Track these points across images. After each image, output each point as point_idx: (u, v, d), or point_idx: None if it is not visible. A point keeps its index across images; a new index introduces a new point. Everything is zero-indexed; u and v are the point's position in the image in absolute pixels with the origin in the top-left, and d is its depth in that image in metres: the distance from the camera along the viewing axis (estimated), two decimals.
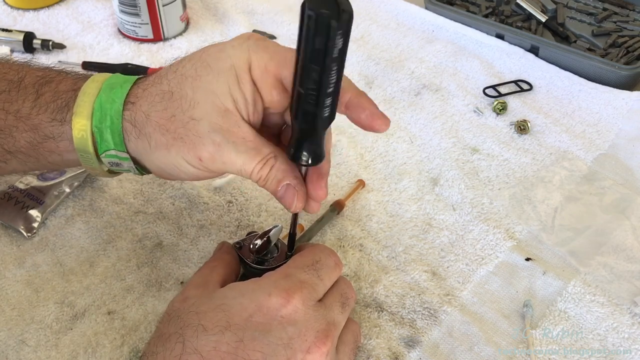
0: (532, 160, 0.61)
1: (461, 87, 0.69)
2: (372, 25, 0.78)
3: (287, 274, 0.40)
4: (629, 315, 0.48)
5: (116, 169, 0.45)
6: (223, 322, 0.37)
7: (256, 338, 0.37)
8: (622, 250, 0.53)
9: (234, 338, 0.37)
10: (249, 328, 0.37)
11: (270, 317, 0.38)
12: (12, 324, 0.47)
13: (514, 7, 0.79)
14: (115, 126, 0.42)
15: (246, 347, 0.36)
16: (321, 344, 0.38)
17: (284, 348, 0.37)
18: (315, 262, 0.42)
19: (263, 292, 0.39)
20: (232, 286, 0.41)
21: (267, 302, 0.38)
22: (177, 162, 0.41)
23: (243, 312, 0.38)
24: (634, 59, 0.70)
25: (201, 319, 0.38)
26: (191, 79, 0.41)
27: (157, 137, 0.41)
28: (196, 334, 0.37)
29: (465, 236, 0.54)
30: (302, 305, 0.39)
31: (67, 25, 0.77)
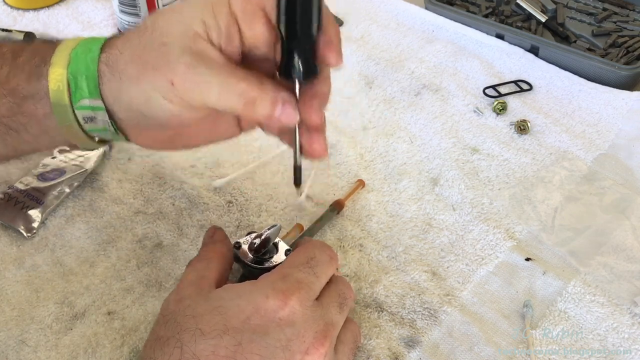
0: (532, 160, 0.61)
1: (461, 87, 0.69)
2: (372, 25, 0.78)
3: (284, 275, 0.40)
4: (629, 315, 0.48)
5: (91, 126, 0.42)
6: (220, 326, 0.37)
7: (254, 341, 0.36)
8: (622, 250, 0.53)
9: (232, 342, 0.36)
10: (247, 331, 0.37)
11: (268, 319, 0.37)
12: (12, 324, 0.47)
13: (514, 7, 0.79)
14: (90, 72, 0.41)
15: (244, 350, 0.36)
16: (319, 345, 0.38)
17: (282, 350, 0.37)
18: (310, 259, 0.42)
19: (260, 294, 0.38)
20: (229, 287, 0.40)
21: (264, 304, 0.38)
22: (149, 94, 0.39)
23: (240, 315, 0.37)
24: (634, 59, 0.70)
25: (198, 322, 0.37)
26: (166, 12, 0.40)
27: (128, 71, 0.40)
28: (194, 338, 0.37)
29: (465, 236, 0.54)
30: (300, 306, 0.38)
31: (67, 25, 0.77)
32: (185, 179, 0.58)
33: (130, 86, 0.40)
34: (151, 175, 0.58)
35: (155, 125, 0.42)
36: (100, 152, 0.59)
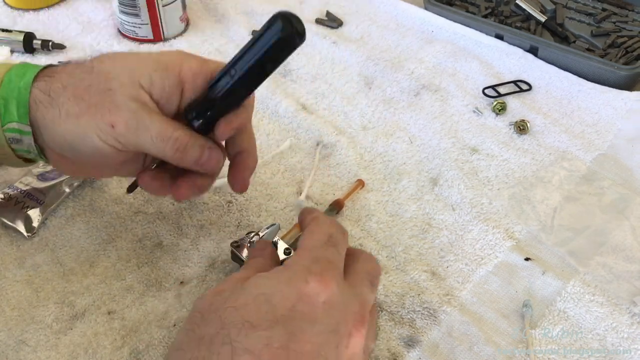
0: (531, 160, 0.61)
1: (460, 88, 0.69)
2: (371, 25, 0.78)
3: (315, 257, 0.39)
4: (628, 315, 0.48)
5: (17, 146, 0.44)
6: (270, 316, 0.35)
7: (305, 329, 0.35)
8: (621, 250, 0.53)
9: (284, 331, 0.34)
10: (296, 319, 0.35)
11: (313, 304, 0.36)
12: (12, 324, 0.47)
13: (513, 7, 0.79)
14: (22, 97, 0.43)
15: (298, 339, 0.34)
16: (360, 326, 0.37)
17: (333, 335, 0.36)
18: (329, 236, 0.41)
19: (300, 279, 0.37)
20: (264, 275, 0.38)
21: (307, 289, 0.36)
22: (86, 132, 0.42)
23: (286, 302, 0.36)
24: (633, 59, 0.70)
25: (243, 314, 0.35)
26: (115, 59, 0.43)
27: (70, 106, 0.42)
28: (243, 332, 0.34)
29: (465, 236, 0.54)
30: (337, 287, 0.37)
31: (67, 25, 0.77)
32: None
33: (68, 121, 0.42)
34: None
35: (79, 158, 0.44)
36: None
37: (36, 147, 0.44)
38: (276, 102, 0.66)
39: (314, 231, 0.41)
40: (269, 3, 0.81)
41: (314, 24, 0.78)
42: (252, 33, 0.76)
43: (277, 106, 0.66)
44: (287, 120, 0.65)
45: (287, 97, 0.67)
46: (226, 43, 0.75)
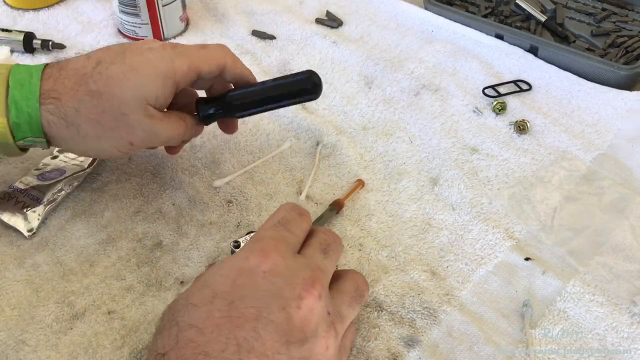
0: (531, 160, 0.61)
1: (460, 87, 0.69)
2: (371, 25, 0.78)
3: (258, 238, 0.41)
4: (628, 314, 0.48)
5: (30, 146, 0.50)
6: (209, 294, 0.38)
7: (246, 296, 0.37)
8: (621, 250, 0.53)
9: (224, 302, 0.37)
10: (236, 290, 0.38)
11: (253, 275, 0.38)
12: (12, 324, 0.47)
13: (513, 7, 0.79)
14: (33, 120, 0.47)
15: (238, 306, 0.37)
16: (310, 288, 0.38)
17: (276, 298, 0.37)
18: (280, 219, 0.43)
19: (239, 258, 0.39)
20: (212, 266, 0.42)
21: (246, 264, 0.39)
22: (106, 148, 0.49)
23: (226, 280, 0.38)
24: (633, 59, 0.70)
25: (189, 299, 0.38)
26: (119, 81, 0.47)
27: (88, 129, 0.48)
28: (187, 312, 0.37)
29: (465, 236, 0.54)
30: (282, 258, 0.39)
31: (67, 25, 0.77)
32: (185, 179, 0.58)
33: (88, 140, 0.49)
34: (151, 175, 0.59)
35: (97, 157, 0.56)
36: None
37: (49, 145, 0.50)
38: None
39: (268, 218, 0.44)
40: (269, 3, 0.81)
41: (314, 23, 0.78)
42: (252, 33, 0.76)
43: None
44: (287, 120, 0.65)
45: None
46: (226, 43, 0.75)
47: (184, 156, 0.61)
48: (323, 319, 0.39)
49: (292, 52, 0.74)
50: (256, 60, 0.72)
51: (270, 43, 0.75)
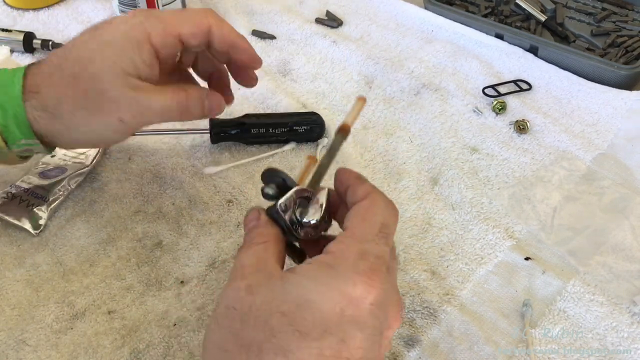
0: (531, 159, 0.61)
1: (460, 87, 0.69)
2: (371, 25, 0.78)
3: (363, 252, 0.36)
4: (628, 314, 0.48)
5: (28, 154, 0.49)
6: (319, 324, 0.34)
7: (355, 335, 0.34)
8: (621, 249, 0.53)
9: (335, 339, 0.34)
10: (346, 324, 0.34)
11: (362, 308, 0.35)
12: (12, 324, 0.47)
13: (513, 7, 0.79)
14: (20, 119, 0.45)
15: (349, 346, 0.34)
16: (399, 316, 0.38)
17: (379, 336, 0.36)
18: (382, 225, 0.38)
19: (346, 281, 0.35)
20: (304, 273, 0.36)
21: (354, 292, 0.35)
22: (98, 132, 0.46)
23: (335, 308, 0.34)
24: (633, 59, 0.70)
25: (292, 321, 0.34)
26: (92, 58, 0.44)
27: (73, 117, 0.45)
28: (295, 342, 0.33)
29: (465, 235, 0.54)
30: (382, 284, 0.36)
31: (67, 25, 0.77)
32: (185, 179, 0.58)
33: (78, 130, 0.46)
34: (151, 175, 0.59)
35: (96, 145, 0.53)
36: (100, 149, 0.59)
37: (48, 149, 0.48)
38: (276, 101, 0.66)
39: (365, 217, 0.38)
40: (269, 3, 0.81)
41: (314, 23, 0.78)
42: (252, 33, 0.76)
43: (277, 105, 0.66)
44: None
45: (288, 96, 0.67)
46: None
47: (184, 156, 0.61)
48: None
49: (292, 51, 0.74)
50: None
51: (270, 43, 0.75)
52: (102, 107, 0.45)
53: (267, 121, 0.61)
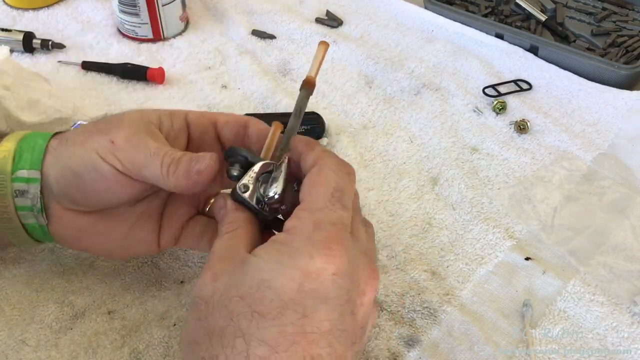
0: (531, 159, 0.61)
1: (461, 87, 0.69)
2: (371, 25, 0.78)
3: (316, 222, 0.35)
4: (629, 314, 0.48)
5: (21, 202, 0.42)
6: (277, 302, 0.33)
7: (318, 308, 0.34)
8: (621, 249, 0.53)
9: (296, 315, 0.33)
10: (307, 299, 0.34)
11: (323, 280, 0.34)
12: (12, 324, 0.47)
13: (514, 6, 0.79)
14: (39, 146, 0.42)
15: (312, 320, 0.33)
16: (371, 280, 0.36)
17: (346, 304, 0.35)
18: (334, 190, 0.37)
19: (303, 256, 0.34)
20: (263, 254, 0.36)
21: (312, 265, 0.34)
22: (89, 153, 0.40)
23: (292, 284, 0.34)
24: (633, 59, 0.70)
25: (250, 303, 0.34)
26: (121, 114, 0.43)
27: (76, 137, 0.42)
28: (254, 322, 0.33)
29: (465, 235, 0.54)
30: (345, 251, 0.35)
31: (67, 25, 0.77)
32: None
33: (73, 148, 0.42)
34: None
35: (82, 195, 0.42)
36: None
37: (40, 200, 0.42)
38: (276, 101, 0.66)
39: (315, 183, 0.37)
40: (269, 2, 0.81)
41: (314, 23, 0.78)
42: (252, 32, 0.76)
43: (277, 105, 0.66)
44: None
45: (288, 96, 0.67)
46: (226, 42, 0.75)
47: None
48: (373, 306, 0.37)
49: (292, 51, 0.74)
50: (256, 60, 0.72)
51: (270, 43, 0.75)
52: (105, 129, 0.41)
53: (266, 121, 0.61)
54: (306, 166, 0.39)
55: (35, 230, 0.44)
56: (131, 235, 0.44)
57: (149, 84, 0.69)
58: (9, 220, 0.43)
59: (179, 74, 0.71)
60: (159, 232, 0.45)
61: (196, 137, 0.44)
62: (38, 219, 0.43)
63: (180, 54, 0.73)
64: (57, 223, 0.43)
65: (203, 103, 0.67)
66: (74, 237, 0.44)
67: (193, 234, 0.45)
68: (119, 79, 0.69)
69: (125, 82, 0.69)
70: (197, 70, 0.71)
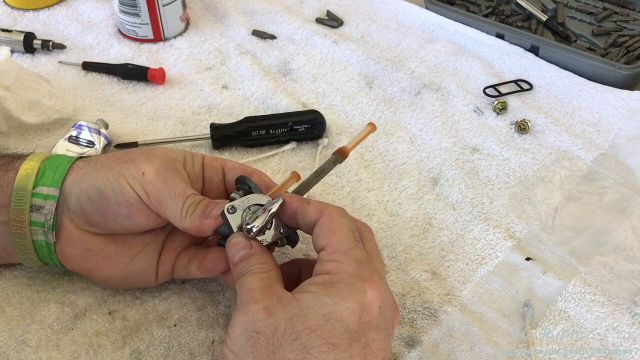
0: (532, 160, 0.61)
1: (461, 87, 0.69)
2: (372, 25, 0.78)
3: (356, 260, 0.39)
4: (629, 314, 0.48)
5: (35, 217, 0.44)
6: (346, 334, 0.36)
7: (375, 338, 0.37)
8: (622, 249, 0.53)
9: (360, 346, 0.36)
10: (365, 331, 0.37)
11: (373, 312, 0.37)
12: (13, 324, 0.47)
13: (514, 6, 0.79)
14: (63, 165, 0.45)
15: (373, 350, 0.37)
16: (397, 313, 0.41)
17: (390, 333, 0.39)
18: (352, 232, 0.41)
19: (357, 290, 0.37)
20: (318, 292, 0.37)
21: (365, 299, 0.37)
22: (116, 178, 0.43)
23: (353, 316, 0.37)
24: (634, 59, 0.70)
25: (322, 335, 0.36)
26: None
27: (106, 161, 0.44)
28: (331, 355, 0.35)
29: (466, 236, 0.54)
30: (383, 286, 0.38)
31: (67, 25, 0.77)
32: None
33: (101, 170, 0.44)
34: None
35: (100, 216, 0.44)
36: (100, 149, 0.59)
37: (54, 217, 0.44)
38: (277, 102, 0.66)
39: (334, 229, 0.40)
40: (269, 2, 0.81)
41: (314, 23, 0.78)
42: (253, 33, 0.76)
43: (277, 105, 0.66)
44: None
45: (288, 97, 0.67)
46: (226, 43, 0.75)
47: None
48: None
49: (293, 51, 0.74)
50: (256, 60, 0.72)
51: (271, 43, 0.75)
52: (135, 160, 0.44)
53: (267, 122, 0.61)
54: (310, 218, 0.42)
55: (42, 248, 0.45)
56: (134, 263, 0.46)
57: (150, 85, 0.69)
58: (22, 236, 0.44)
59: (179, 74, 0.71)
60: (158, 264, 0.47)
61: (207, 178, 0.48)
62: (47, 236, 0.44)
63: (180, 55, 0.73)
64: (66, 240, 0.45)
65: (203, 103, 0.67)
66: (80, 257, 0.45)
67: (183, 262, 0.47)
68: (119, 79, 0.69)
69: (126, 82, 0.69)
70: (197, 71, 0.71)
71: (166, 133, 0.63)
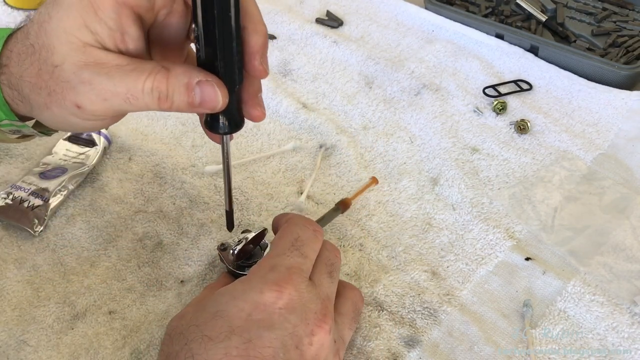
0: (531, 160, 0.61)
1: (461, 87, 0.69)
2: (371, 25, 0.78)
3: (272, 266, 0.40)
4: (629, 314, 0.48)
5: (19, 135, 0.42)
6: (226, 328, 0.37)
7: (262, 335, 0.37)
8: (621, 249, 0.53)
9: (242, 340, 0.37)
10: (253, 327, 0.37)
11: (269, 311, 0.38)
12: (13, 324, 0.47)
13: (514, 7, 0.79)
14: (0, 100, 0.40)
15: (256, 345, 0.36)
16: (322, 323, 0.39)
17: (291, 337, 0.37)
18: (294, 240, 0.42)
19: (255, 291, 0.39)
20: (222, 291, 0.40)
21: (261, 299, 0.38)
22: (62, 116, 0.37)
23: (241, 313, 0.38)
24: (633, 59, 0.70)
25: (203, 329, 0.37)
26: (45, 24, 0.36)
27: (34, 98, 0.38)
28: (203, 345, 0.37)
29: (465, 236, 0.54)
30: (296, 291, 0.39)
31: None
32: (185, 179, 0.58)
33: (43, 112, 0.38)
34: (152, 175, 0.59)
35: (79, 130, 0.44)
36: (100, 149, 0.59)
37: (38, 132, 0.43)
38: (277, 102, 0.66)
39: (280, 237, 0.43)
40: (269, 3, 0.81)
41: (314, 23, 0.78)
42: None
43: (277, 106, 0.66)
44: (287, 120, 0.65)
45: (288, 97, 0.67)
46: None
47: (184, 156, 0.61)
48: (330, 351, 0.40)
49: (293, 51, 0.74)
50: None
51: (271, 43, 0.75)
52: (56, 89, 0.36)
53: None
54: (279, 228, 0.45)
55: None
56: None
57: None
58: (11, 140, 0.44)
59: None
60: None
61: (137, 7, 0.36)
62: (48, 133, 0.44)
63: None
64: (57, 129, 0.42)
65: None
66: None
67: None
68: None
69: None
70: None
71: (166, 133, 0.63)
